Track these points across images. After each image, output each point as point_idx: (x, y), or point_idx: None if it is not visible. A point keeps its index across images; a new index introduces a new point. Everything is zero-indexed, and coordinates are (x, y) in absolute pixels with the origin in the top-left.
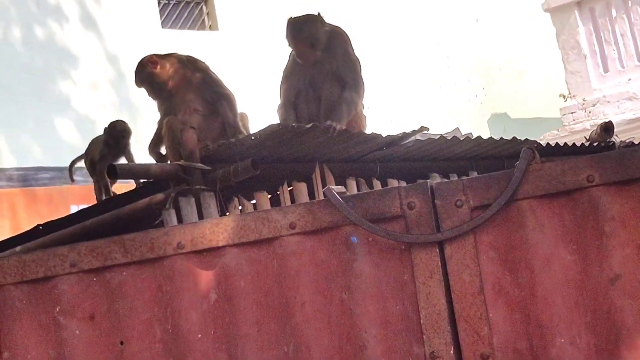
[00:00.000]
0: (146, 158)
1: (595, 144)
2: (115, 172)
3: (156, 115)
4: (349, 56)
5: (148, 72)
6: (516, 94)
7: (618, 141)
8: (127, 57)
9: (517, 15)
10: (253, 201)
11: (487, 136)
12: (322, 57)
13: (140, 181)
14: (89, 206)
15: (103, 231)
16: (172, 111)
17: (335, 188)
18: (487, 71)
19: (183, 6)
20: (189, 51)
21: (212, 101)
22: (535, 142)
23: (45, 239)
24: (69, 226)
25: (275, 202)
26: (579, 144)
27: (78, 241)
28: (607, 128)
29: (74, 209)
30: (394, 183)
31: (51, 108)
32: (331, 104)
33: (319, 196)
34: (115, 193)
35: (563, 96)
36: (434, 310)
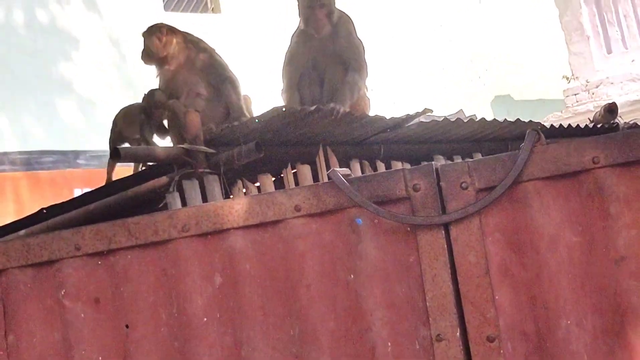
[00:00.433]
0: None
1: (599, 126)
2: (118, 155)
3: None
4: (353, 39)
5: (151, 40)
6: (519, 76)
7: (622, 122)
8: (130, 40)
9: None
10: (257, 184)
11: (491, 118)
12: (326, 39)
13: (140, 166)
14: (93, 190)
15: (107, 214)
16: (174, 92)
17: (340, 170)
18: (490, 53)
19: None
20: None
21: (216, 84)
22: (539, 124)
23: (49, 223)
24: (73, 210)
25: (279, 185)
26: (583, 126)
27: (82, 225)
28: (611, 109)
29: (78, 193)
30: (398, 165)
31: (54, 91)
32: (334, 87)
33: (323, 179)
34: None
35: (566, 78)
36: (440, 292)
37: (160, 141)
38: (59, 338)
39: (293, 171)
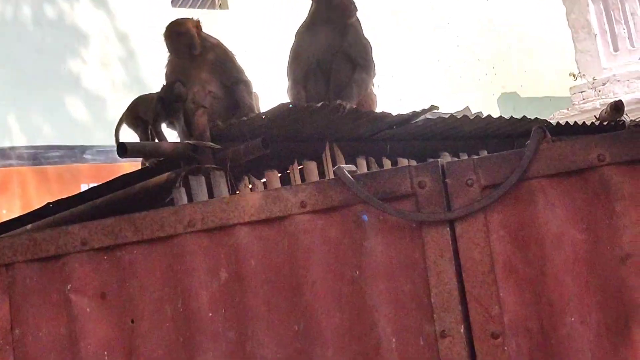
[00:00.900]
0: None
1: (605, 123)
2: (125, 150)
3: None
4: (361, 38)
5: (189, 33)
6: (526, 73)
7: (628, 120)
8: (137, 36)
9: None
10: (263, 180)
11: (497, 115)
12: (334, 36)
13: (148, 161)
14: (100, 184)
15: (113, 209)
16: (185, 85)
17: (346, 167)
18: (497, 50)
19: None
20: None
21: (230, 85)
22: (545, 121)
23: (55, 217)
24: (80, 204)
25: (285, 181)
26: (589, 123)
27: (88, 219)
28: (617, 107)
29: (85, 188)
30: (404, 162)
31: (61, 87)
32: (341, 84)
33: (329, 175)
34: None
35: (573, 75)
36: (445, 289)
37: (169, 134)
38: (65, 332)
39: (299, 167)
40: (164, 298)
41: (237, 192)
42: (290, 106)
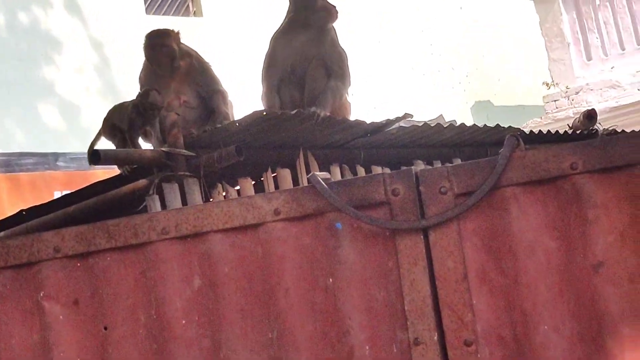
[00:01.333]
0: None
1: (578, 132)
2: (98, 157)
3: None
4: (337, 46)
5: (169, 45)
6: (499, 82)
7: (601, 129)
8: (112, 43)
9: (501, 2)
10: (237, 187)
11: (471, 123)
12: (310, 43)
13: (122, 168)
14: (73, 192)
15: (87, 217)
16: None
17: (320, 174)
18: (471, 58)
19: None
20: None
21: (206, 96)
22: (518, 130)
23: (28, 225)
24: (53, 212)
25: (259, 189)
26: (562, 132)
27: (62, 227)
28: (590, 116)
29: (58, 195)
30: (378, 170)
31: (35, 93)
32: (315, 91)
33: (303, 182)
34: None
35: (546, 84)
36: (418, 296)
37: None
38: (38, 339)
39: (273, 175)
40: (137, 305)
41: (211, 200)
42: (264, 114)
